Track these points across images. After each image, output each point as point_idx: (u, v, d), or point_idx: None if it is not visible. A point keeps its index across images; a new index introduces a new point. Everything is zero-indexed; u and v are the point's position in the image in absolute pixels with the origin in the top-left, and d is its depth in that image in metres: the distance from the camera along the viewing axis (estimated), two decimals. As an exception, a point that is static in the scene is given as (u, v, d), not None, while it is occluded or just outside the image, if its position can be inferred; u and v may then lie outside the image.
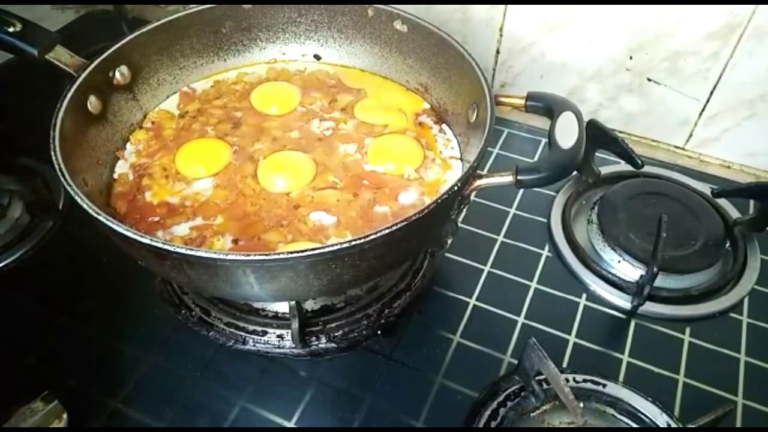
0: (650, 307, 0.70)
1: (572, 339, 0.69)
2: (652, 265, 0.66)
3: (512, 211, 0.84)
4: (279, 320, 0.68)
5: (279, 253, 0.49)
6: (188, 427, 0.61)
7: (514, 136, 0.96)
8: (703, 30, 0.81)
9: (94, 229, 0.51)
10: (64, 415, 0.58)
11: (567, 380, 0.60)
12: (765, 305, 0.72)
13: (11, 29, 0.64)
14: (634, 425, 0.60)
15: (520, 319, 0.70)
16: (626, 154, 0.80)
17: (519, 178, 0.54)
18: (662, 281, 0.71)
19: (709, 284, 0.74)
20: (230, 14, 0.78)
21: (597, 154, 0.85)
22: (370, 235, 0.48)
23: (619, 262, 0.76)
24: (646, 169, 0.83)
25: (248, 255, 0.47)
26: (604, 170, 0.87)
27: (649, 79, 0.89)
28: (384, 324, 0.68)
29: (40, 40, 0.65)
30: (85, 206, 0.50)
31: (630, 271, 0.75)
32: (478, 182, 0.55)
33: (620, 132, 0.91)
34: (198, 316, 0.68)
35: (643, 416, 0.60)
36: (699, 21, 0.80)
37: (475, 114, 0.66)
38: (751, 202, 0.84)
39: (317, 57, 0.83)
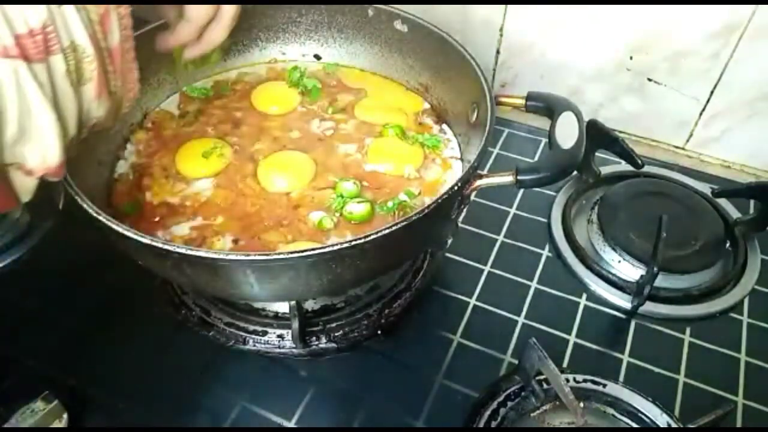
0: (650, 307, 0.70)
1: (572, 339, 0.69)
2: (652, 265, 0.66)
3: (512, 211, 0.84)
4: (279, 320, 0.68)
5: (279, 253, 0.49)
6: (188, 427, 0.61)
7: (514, 136, 0.96)
8: (703, 30, 0.81)
9: (94, 230, 0.51)
10: (64, 415, 0.58)
11: (567, 380, 0.60)
12: (765, 305, 0.72)
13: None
14: (635, 425, 0.60)
15: (520, 319, 0.70)
16: (626, 154, 0.80)
17: (519, 178, 0.54)
18: (662, 281, 0.71)
19: (710, 284, 0.74)
20: (230, 14, 0.78)
21: (597, 154, 0.85)
22: (370, 235, 0.48)
23: (620, 262, 0.76)
24: (646, 169, 0.83)
25: (248, 255, 0.47)
26: (605, 170, 0.87)
27: (649, 79, 0.89)
28: (384, 324, 0.68)
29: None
30: (85, 206, 0.50)
31: (630, 271, 0.75)
32: (479, 182, 0.55)
33: (620, 132, 0.91)
34: (198, 316, 0.68)
35: (643, 416, 0.60)
36: (699, 21, 0.80)
37: (476, 114, 0.66)
38: (751, 202, 0.84)
39: (317, 57, 0.83)
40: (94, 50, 0.40)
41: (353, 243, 0.48)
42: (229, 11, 0.58)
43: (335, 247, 0.47)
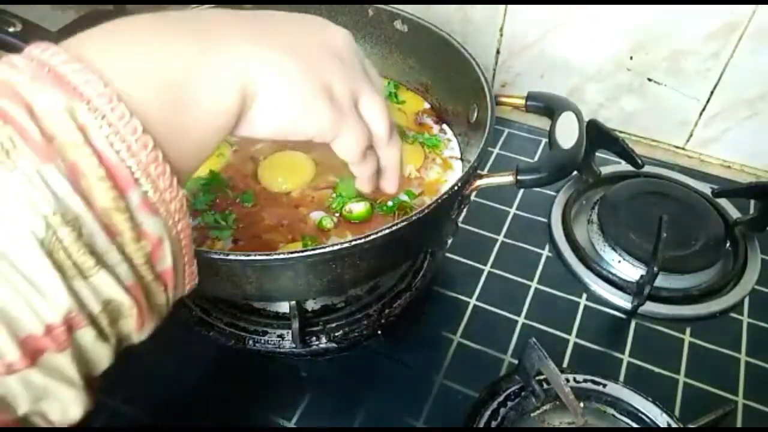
0: (651, 307, 0.70)
1: (572, 339, 0.69)
2: (652, 265, 0.66)
3: (512, 211, 0.84)
4: (279, 320, 0.68)
5: (280, 253, 0.49)
6: (188, 427, 0.61)
7: (515, 136, 0.96)
8: (703, 30, 0.81)
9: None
10: (65, 415, 0.58)
11: (567, 380, 0.60)
12: (765, 305, 0.72)
13: (11, 29, 0.64)
14: (635, 425, 0.60)
15: (520, 319, 0.70)
16: (626, 154, 0.79)
17: (519, 178, 0.54)
18: (662, 281, 0.71)
19: (710, 284, 0.74)
20: (230, 14, 0.78)
21: (597, 154, 0.84)
22: (370, 235, 0.48)
23: (620, 262, 0.76)
24: (647, 169, 0.83)
25: (248, 255, 0.47)
26: (605, 170, 0.87)
27: (649, 79, 0.89)
28: (384, 324, 0.68)
29: (41, 40, 0.64)
30: (85, 206, 0.50)
31: (630, 271, 0.75)
32: (479, 182, 0.55)
33: (620, 132, 0.91)
34: (198, 316, 0.68)
35: (643, 416, 0.60)
36: (699, 21, 0.80)
37: (476, 114, 0.66)
38: (752, 202, 0.84)
39: (317, 57, 0.83)
40: (133, 300, 0.31)
41: (353, 243, 0.48)
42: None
43: (335, 247, 0.47)
